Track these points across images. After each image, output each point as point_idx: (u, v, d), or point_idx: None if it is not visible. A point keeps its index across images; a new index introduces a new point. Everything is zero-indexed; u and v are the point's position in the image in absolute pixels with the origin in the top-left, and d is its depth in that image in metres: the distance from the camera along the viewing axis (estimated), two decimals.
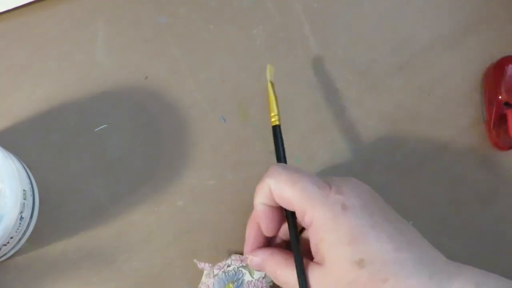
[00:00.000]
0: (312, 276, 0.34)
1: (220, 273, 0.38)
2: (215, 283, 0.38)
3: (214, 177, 0.41)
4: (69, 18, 0.43)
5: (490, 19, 0.46)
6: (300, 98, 0.43)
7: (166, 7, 0.44)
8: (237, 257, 0.38)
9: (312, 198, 0.33)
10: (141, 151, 0.41)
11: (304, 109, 0.43)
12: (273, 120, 0.38)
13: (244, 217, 0.39)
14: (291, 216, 0.35)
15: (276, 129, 0.38)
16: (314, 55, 0.44)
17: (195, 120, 0.42)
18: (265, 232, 0.36)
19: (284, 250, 0.37)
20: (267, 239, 0.37)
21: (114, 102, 0.42)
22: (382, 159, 0.43)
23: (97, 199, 0.40)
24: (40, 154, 0.40)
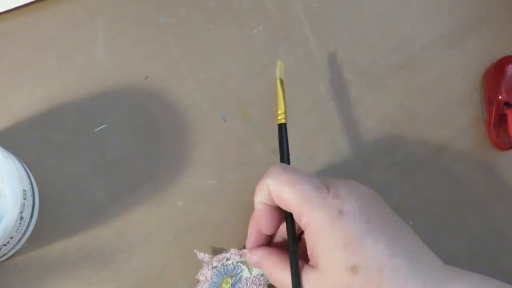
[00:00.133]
0: (306, 279, 0.34)
1: (219, 265, 0.38)
2: (213, 276, 0.38)
3: (214, 177, 0.41)
4: (69, 18, 0.43)
5: (490, 19, 0.46)
6: (300, 98, 0.43)
7: (166, 7, 0.44)
8: (236, 251, 0.39)
9: (310, 201, 0.33)
10: (141, 151, 0.41)
11: (304, 109, 0.43)
12: (279, 118, 0.38)
13: (244, 217, 0.39)
14: (289, 217, 0.35)
15: (282, 128, 0.38)
16: (314, 55, 0.44)
17: (195, 120, 0.42)
18: (263, 231, 0.37)
19: (282, 250, 0.37)
20: (268, 236, 0.38)
21: (114, 102, 0.42)
22: (382, 159, 0.43)
23: (97, 199, 0.40)
24: (40, 154, 0.40)
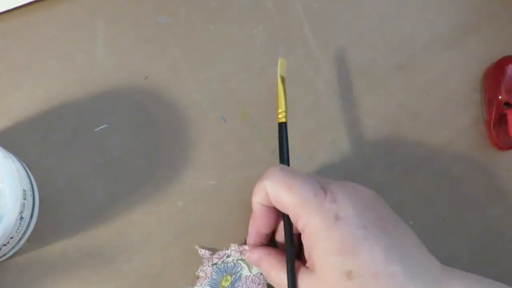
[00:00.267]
0: (302, 281, 0.34)
1: (220, 262, 0.38)
2: (213, 273, 0.38)
3: (214, 177, 0.41)
4: (69, 18, 0.43)
5: (490, 19, 0.46)
6: (300, 98, 0.43)
7: (166, 7, 0.44)
8: (236, 247, 0.39)
9: (306, 205, 0.33)
10: (141, 151, 0.41)
11: (304, 109, 0.43)
12: (280, 117, 0.38)
13: (244, 217, 0.39)
14: (287, 219, 0.35)
15: (282, 127, 0.37)
16: (314, 55, 0.44)
17: (195, 120, 0.42)
18: (261, 230, 0.37)
19: (281, 251, 0.37)
20: (269, 234, 0.38)
21: (114, 102, 0.42)
22: (382, 159, 0.43)
23: (97, 199, 0.40)
24: (40, 154, 0.40)
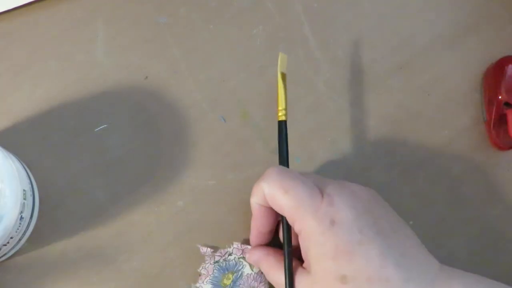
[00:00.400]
0: (299, 282, 0.34)
1: (221, 260, 0.38)
2: (215, 270, 0.38)
3: (214, 177, 0.41)
4: (69, 18, 0.43)
5: (490, 19, 0.46)
6: (300, 98, 0.43)
7: (166, 7, 0.44)
8: (238, 245, 0.39)
9: (302, 208, 0.33)
10: (141, 151, 0.41)
11: (304, 109, 0.43)
12: (279, 115, 0.37)
13: (244, 217, 0.39)
14: (285, 220, 0.36)
15: (281, 125, 0.37)
16: (314, 55, 0.44)
17: (195, 120, 0.42)
18: (260, 229, 0.37)
19: (279, 251, 0.37)
20: (271, 232, 0.38)
21: (114, 102, 0.42)
22: (382, 159, 0.43)
23: (97, 199, 0.40)
24: (40, 154, 0.40)
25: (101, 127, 0.41)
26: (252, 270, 0.38)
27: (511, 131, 0.41)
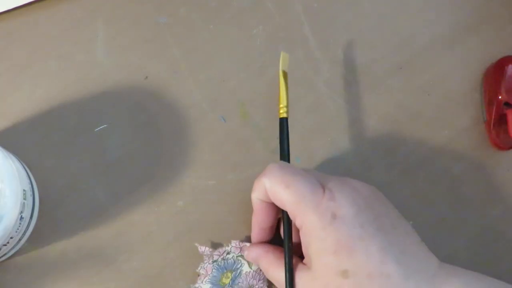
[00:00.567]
0: (299, 278, 0.34)
1: (220, 259, 0.38)
2: (213, 270, 0.38)
3: (214, 177, 0.41)
4: (69, 18, 0.43)
5: (490, 19, 0.46)
6: (300, 98, 0.43)
7: (166, 7, 0.44)
8: (237, 244, 0.39)
9: (304, 203, 0.33)
10: (141, 151, 0.41)
11: (304, 109, 0.43)
12: (281, 112, 0.37)
13: (244, 217, 0.39)
14: (285, 215, 0.36)
15: (283, 122, 0.37)
16: (314, 55, 0.44)
17: (195, 120, 0.42)
18: (261, 225, 0.37)
19: (279, 248, 0.37)
20: (272, 229, 0.38)
21: (114, 102, 0.42)
22: (382, 159, 0.43)
23: (97, 199, 0.40)
24: (40, 154, 0.40)
25: (101, 127, 0.41)
26: (251, 268, 0.38)
27: (511, 131, 0.41)
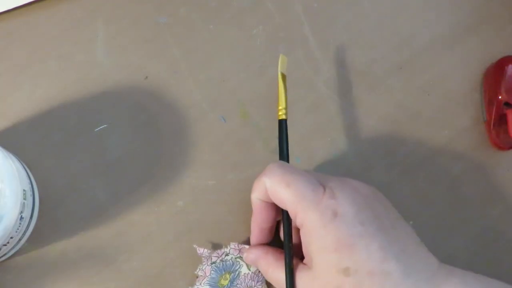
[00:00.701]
0: (299, 278, 0.34)
1: (218, 261, 0.38)
2: (212, 271, 0.38)
3: (214, 177, 0.41)
4: (69, 18, 0.43)
5: (490, 19, 0.46)
6: (300, 98, 0.43)
7: (166, 7, 0.44)
8: (235, 245, 0.39)
9: (304, 201, 0.33)
10: (141, 151, 0.41)
11: (304, 109, 0.43)
12: (280, 113, 0.38)
13: (244, 217, 0.39)
14: (285, 215, 0.36)
15: (282, 124, 0.38)
16: (314, 55, 0.44)
17: (195, 120, 0.42)
18: (261, 225, 0.37)
19: (278, 249, 0.37)
20: (271, 230, 0.38)
21: (114, 102, 0.42)
22: (382, 159, 0.43)
23: (97, 199, 0.40)
24: (40, 154, 0.40)
25: (101, 127, 0.41)
26: (249, 270, 0.38)
27: (511, 131, 0.41)
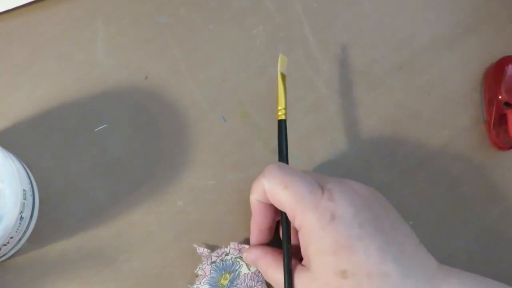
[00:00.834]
0: (298, 279, 0.34)
1: (218, 261, 0.38)
2: (212, 271, 0.38)
3: (214, 177, 0.41)
4: (69, 18, 0.43)
5: (490, 19, 0.46)
6: (300, 98, 0.43)
7: (166, 7, 0.44)
8: (235, 245, 0.39)
9: (302, 203, 0.33)
10: (141, 151, 0.41)
11: (304, 109, 0.43)
12: (279, 114, 0.38)
13: (244, 217, 0.39)
14: (284, 217, 0.36)
15: (281, 124, 0.37)
16: (314, 55, 0.44)
17: (195, 120, 0.42)
18: (259, 226, 0.37)
19: (278, 250, 0.37)
20: (271, 230, 0.38)
21: (114, 102, 0.42)
22: (382, 159, 0.43)
23: (97, 199, 0.40)
24: (40, 154, 0.40)
25: (101, 127, 0.41)
26: (249, 270, 0.38)
27: (511, 131, 0.41)
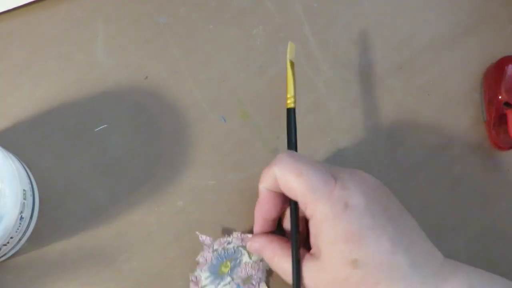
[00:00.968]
0: (306, 268, 0.34)
1: (220, 249, 0.38)
2: (213, 258, 0.38)
3: (214, 177, 0.41)
4: (69, 18, 0.43)
5: (490, 19, 0.46)
6: (300, 98, 0.43)
7: (166, 7, 0.44)
8: (238, 235, 0.39)
9: (316, 192, 0.33)
10: (141, 151, 0.41)
11: (304, 109, 0.43)
12: (288, 102, 0.37)
13: (244, 216, 0.39)
14: (293, 206, 0.35)
15: (290, 112, 0.37)
16: (314, 55, 0.44)
17: (195, 120, 0.42)
18: (266, 215, 0.37)
19: (283, 238, 0.37)
20: (275, 221, 0.38)
21: (114, 102, 0.42)
22: (382, 159, 0.43)
23: (97, 199, 0.40)
24: (40, 154, 0.40)
25: (101, 127, 0.41)
26: (250, 259, 0.38)
27: (511, 131, 0.41)
